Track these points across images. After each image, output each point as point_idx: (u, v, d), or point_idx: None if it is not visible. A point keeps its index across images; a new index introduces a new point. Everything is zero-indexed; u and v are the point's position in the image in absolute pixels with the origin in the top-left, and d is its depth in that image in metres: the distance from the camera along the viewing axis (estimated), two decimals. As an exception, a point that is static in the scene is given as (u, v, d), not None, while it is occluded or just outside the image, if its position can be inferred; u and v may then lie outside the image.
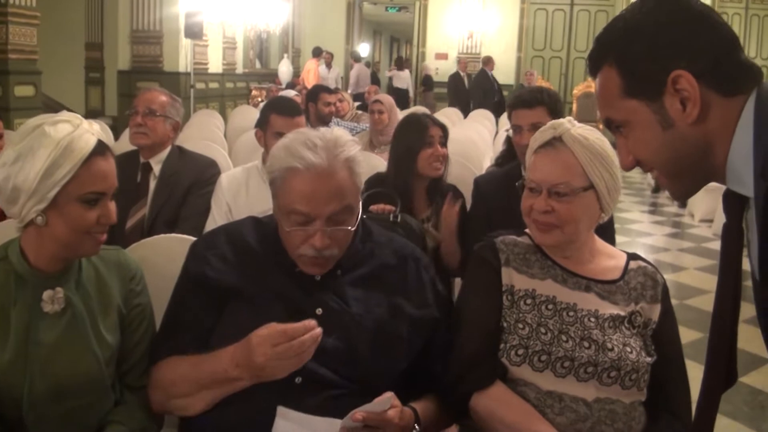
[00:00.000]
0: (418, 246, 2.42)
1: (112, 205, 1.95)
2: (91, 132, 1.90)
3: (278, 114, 3.80)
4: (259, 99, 15.32)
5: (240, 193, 3.71)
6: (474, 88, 15.52)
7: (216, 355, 1.94)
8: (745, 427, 4.19)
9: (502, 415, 2.02)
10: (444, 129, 3.81)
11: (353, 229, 2.04)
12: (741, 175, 1.38)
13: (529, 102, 3.55)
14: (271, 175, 2.06)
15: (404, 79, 18.04)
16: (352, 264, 2.13)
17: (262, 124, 3.87)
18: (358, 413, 1.78)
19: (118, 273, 2.11)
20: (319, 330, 1.82)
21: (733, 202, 1.46)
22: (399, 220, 3.07)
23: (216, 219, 3.61)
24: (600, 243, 2.28)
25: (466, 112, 11.63)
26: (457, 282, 3.63)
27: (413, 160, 3.67)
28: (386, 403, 1.83)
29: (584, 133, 2.14)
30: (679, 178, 1.51)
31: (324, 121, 6.48)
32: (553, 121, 2.23)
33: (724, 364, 1.56)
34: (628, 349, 2.05)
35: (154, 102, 3.91)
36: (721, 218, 4.78)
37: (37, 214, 1.86)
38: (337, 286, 2.08)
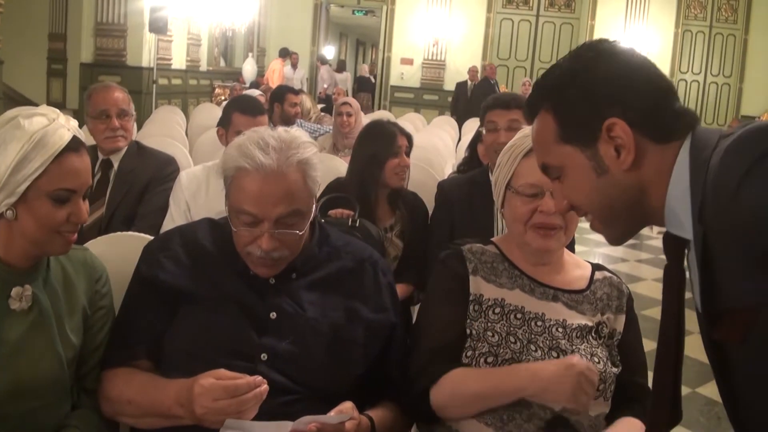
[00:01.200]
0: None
1: (84, 204, 1.89)
2: (67, 127, 1.84)
3: (241, 113, 3.75)
4: (222, 97, 15.19)
5: (200, 192, 3.63)
6: (479, 97, 15.57)
7: (162, 387, 1.89)
8: None
9: (464, 392, 1.99)
10: (410, 139, 3.80)
11: (302, 233, 1.99)
12: (680, 218, 1.38)
13: (507, 103, 3.59)
14: (224, 174, 2.02)
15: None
16: (309, 268, 2.09)
17: (224, 123, 3.82)
18: (313, 425, 1.75)
19: (85, 273, 2.06)
20: (264, 388, 1.76)
21: (673, 245, 1.46)
22: (357, 224, 3.05)
23: (174, 217, 3.54)
24: (567, 253, 2.28)
25: (461, 123, 11.56)
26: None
27: (379, 169, 3.64)
28: (345, 416, 1.80)
29: None
30: (613, 223, 1.52)
31: (288, 121, 6.45)
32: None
33: (668, 403, 1.55)
34: (596, 359, 2.05)
35: (123, 101, 3.85)
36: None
37: (7, 208, 1.80)
38: (292, 290, 2.04)
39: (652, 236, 9.57)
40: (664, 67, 16.78)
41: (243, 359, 1.89)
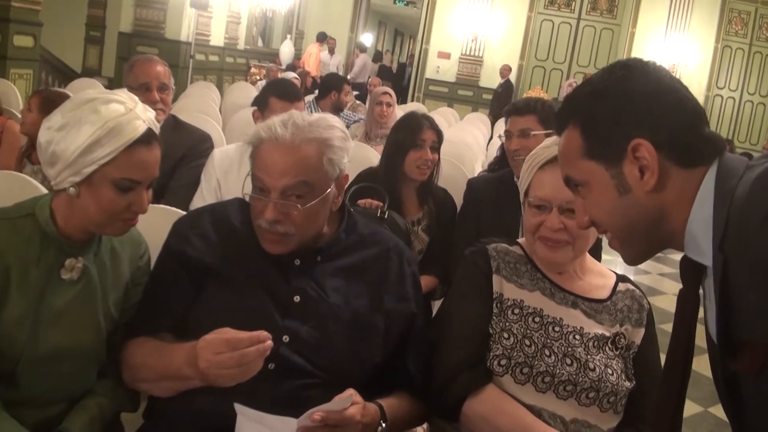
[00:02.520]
0: None
1: (148, 194, 1.94)
2: (143, 119, 1.88)
3: (278, 98, 3.79)
4: (258, 77, 15.26)
5: (231, 171, 3.66)
6: (501, 96, 15.64)
7: (175, 349, 1.92)
8: None
9: (496, 421, 2.01)
10: (439, 134, 3.81)
11: (304, 208, 1.99)
12: (700, 244, 1.40)
13: (520, 109, 3.65)
14: (250, 145, 2.06)
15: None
16: (334, 253, 2.11)
17: (260, 105, 3.85)
18: (317, 414, 1.77)
19: (131, 249, 2.12)
20: (268, 344, 1.76)
21: (690, 270, 1.48)
22: (386, 216, 3.07)
23: (204, 194, 3.58)
24: (591, 261, 2.29)
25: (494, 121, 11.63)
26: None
27: (401, 160, 3.68)
28: (346, 401, 1.81)
29: None
30: (631, 244, 1.53)
31: (339, 110, 6.50)
32: (557, 137, 2.22)
33: (669, 423, 1.57)
34: (609, 371, 2.06)
35: (164, 75, 3.86)
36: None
37: (71, 185, 1.85)
38: (316, 274, 2.06)
39: (677, 252, 9.55)
40: (702, 81, 16.70)
41: None
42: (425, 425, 2.38)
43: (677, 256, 1.52)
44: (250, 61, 16.36)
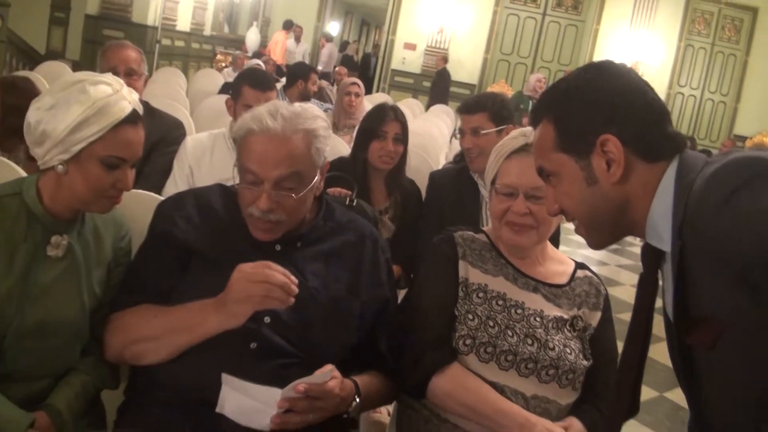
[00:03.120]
0: None
1: (132, 173, 2.03)
2: (128, 100, 1.97)
3: (251, 86, 3.85)
4: (223, 64, 15.20)
5: (204, 158, 3.74)
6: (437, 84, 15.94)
7: (190, 304, 2.03)
8: None
9: (459, 394, 2.13)
10: (403, 125, 3.89)
11: (298, 197, 2.09)
12: (660, 232, 1.54)
13: (471, 108, 3.76)
14: (236, 136, 2.15)
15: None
16: (313, 239, 2.21)
17: (234, 95, 3.93)
18: (300, 385, 1.87)
19: (114, 230, 2.20)
20: (293, 288, 1.90)
21: (650, 255, 1.61)
22: (354, 204, 3.15)
23: (176, 180, 3.65)
24: (551, 249, 2.43)
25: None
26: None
27: (364, 149, 3.78)
28: (326, 375, 1.92)
29: None
30: (596, 230, 1.66)
31: (306, 99, 6.57)
32: (523, 129, 2.36)
33: (629, 397, 1.71)
34: (568, 351, 2.19)
35: (131, 60, 3.90)
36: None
37: (59, 163, 1.93)
38: (296, 259, 2.15)
39: (634, 243, 9.74)
40: (664, 78, 16.94)
41: (249, 320, 1.99)
42: (392, 405, 2.48)
43: (635, 249, 1.64)
44: (216, 47, 16.29)
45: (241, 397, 1.90)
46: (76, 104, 1.90)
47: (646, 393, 4.98)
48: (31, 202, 1.98)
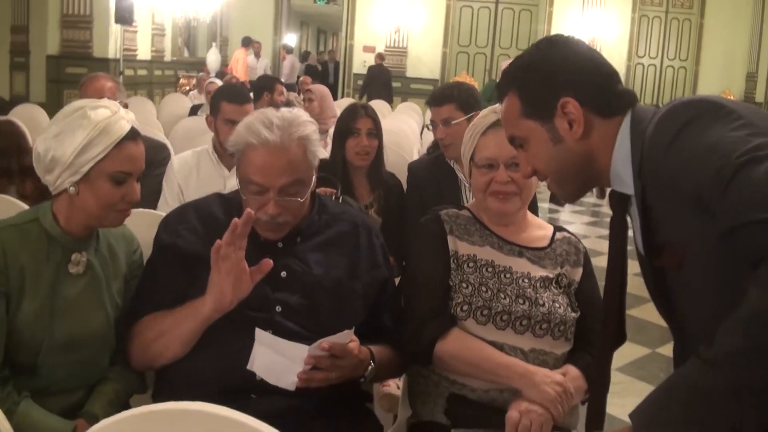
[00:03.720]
0: None
1: (138, 186, 2.17)
2: (126, 119, 2.12)
3: (228, 101, 3.98)
4: (187, 87, 15.29)
5: (191, 175, 3.90)
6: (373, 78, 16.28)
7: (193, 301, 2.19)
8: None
9: (462, 355, 2.30)
10: (375, 120, 4.04)
11: (303, 200, 2.26)
12: (622, 178, 1.73)
13: (438, 99, 3.93)
14: (234, 149, 2.29)
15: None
16: (311, 232, 2.36)
17: (213, 111, 4.06)
18: (325, 343, 2.05)
19: (125, 245, 2.35)
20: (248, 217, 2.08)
21: (618, 200, 1.81)
22: (340, 201, 3.30)
23: (167, 200, 3.78)
24: (531, 216, 2.61)
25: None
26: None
27: (341, 147, 3.93)
28: (347, 336, 2.10)
29: None
30: (567, 184, 1.86)
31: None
32: (493, 106, 2.52)
33: (614, 326, 1.93)
34: (557, 305, 2.37)
35: (105, 90, 4.01)
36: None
37: (71, 185, 2.08)
38: (298, 252, 2.31)
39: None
40: (622, 51, 17.18)
41: (261, 311, 2.16)
42: (402, 380, 2.65)
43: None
44: (178, 71, 16.37)
45: (272, 354, 2.07)
46: (79, 129, 2.05)
47: (640, 351, 5.21)
48: (49, 225, 2.13)
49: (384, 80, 16.54)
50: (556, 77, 1.77)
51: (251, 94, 7.64)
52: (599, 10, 17.12)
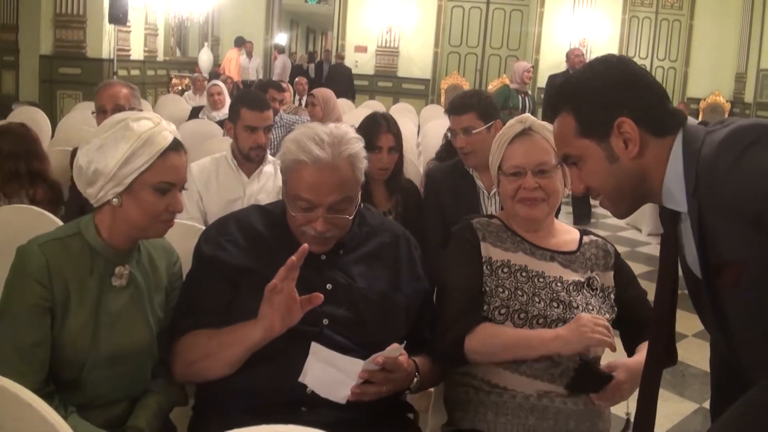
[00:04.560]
0: None
1: (181, 196, 2.18)
2: (169, 130, 2.13)
3: (249, 108, 3.99)
4: (180, 87, 15.26)
5: (210, 182, 3.92)
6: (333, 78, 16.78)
7: (238, 324, 2.19)
8: (668, 392, 4.81)
9: (492, 341, 2.34)
10: (397, 137, 4.02)
11: (351, 217, 2.29)
12: (674, 196, 1.78)
13: (458, 109, 3.93)
14: (283, 165, 2.30)
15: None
16: (353, 245, 2.38)
17: (232, 118, 4.06)
18: (379, 357, 2.07)
19: (165, 257, 2.35)
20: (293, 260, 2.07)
21: (668, 217, 1.86)
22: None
23: (187, 207, 3.70)
24: (558, 222, 2.68)
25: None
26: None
27: None
28: (398, 350, 2.12)
29: (543, 123, 2.55)
30: (621, 201, 1.90)
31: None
32: (519, 116, 2.63)
33: (665, 344, 1.98)
34: (590, 308, 2.42)
35: (119, 97, 4.03)
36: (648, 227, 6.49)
37: (114, 196, 2.08)
38: (341, 265, 2.33)
39: (607, 215, 10.00)
40: (612, 52, 17.10)
41: (309, 324, 2.17)
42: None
43: (610, 220, 1.83)
44: (170, 71, 16.31)
45: (325, 368, 2.09)
46: (122, 141, 2.06)
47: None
48: (91, 238, 2.13)
49: (346, 79, 16.77)
50: (611, 97, 1.80)
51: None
52: (590, 11, 17.17)
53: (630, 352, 2.53)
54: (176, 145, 2.14)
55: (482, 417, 2.38)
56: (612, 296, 2.52)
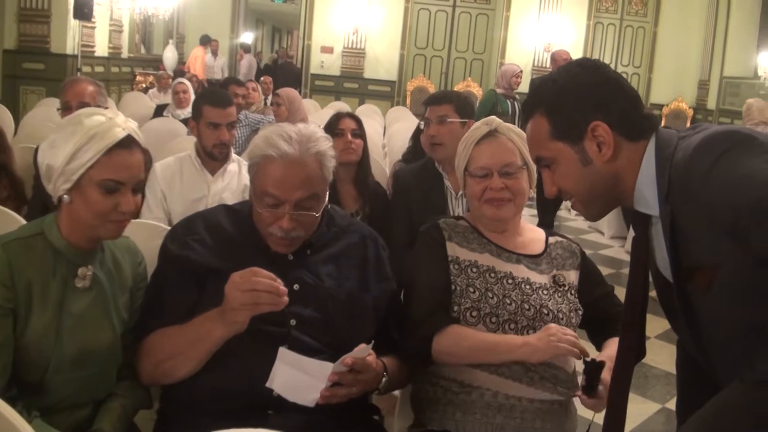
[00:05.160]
0: None
1: (136, 198, 2.13)
2: (122, 127, 2.07)
3: (211, 105, 3.97)
4: (144, 85, 15.13)
5: (174, 181, 3.89)
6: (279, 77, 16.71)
7: (198, 317, 2.16)
8: (631, 393, 4.72)
9: (461, 343, 2.36)
10: (357, 121, 4.15)
11: (318, 215, 2.28)
12: (647, 199, 1.80)
13: (438, 99, 4.02)
14: (251, 162, 2.29)
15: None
16: (321, 245, 2.38)
17: (195, 116, 4.04)
18: (348, 359, 2.06)
19: (130, 258, 2.31)
20: (281, 288, 2.04)
21: (640, 220, 1.89)
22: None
23: (150, 206, 3.77)
24: (524, 222, 2.70)
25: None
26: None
27: None
28: (366, 350, 2.12)
29: (509, 125, 2.61)
30: (594, 204, 1.92)
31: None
32: (485, 119, 2.68)
33: (636, 343, 2.01)
34: (561, 315, 2.44)
35: (85, 94, 4.01)
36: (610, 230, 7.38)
37: (64, 192, 2.05)
38: (309, 265, 2.32)
39: (569, 218, 10.08)
40: (577, 57, 17.27)
41: (276, 325, 2.16)
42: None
43: (572, 223, 1.85)
44: (135, 68, 16.16)
45: (293, 372, 2.07)
46: (72, 135, 2.03)
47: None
48: (54, 238, 2.09)
49: (293, 77, 17.13)
50: (586, 100, 1.82)
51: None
52: (555, 16, 17.26)
53: (598, 347, 2.58)
54: (128, 143, 2.08)
55: (450, 416, 2.40)
56: (576, 296, 2.54)
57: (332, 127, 4.03)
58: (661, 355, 5.30)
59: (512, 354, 2.32)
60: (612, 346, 2.40)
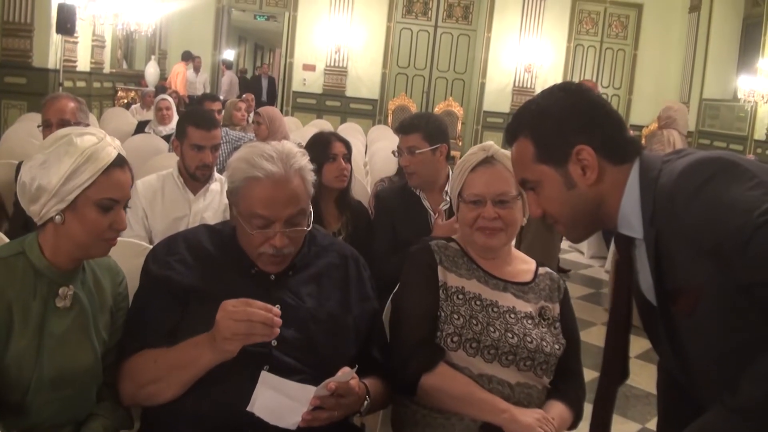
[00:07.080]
0: None
1: (124, 214, 2.15)
2: (113, 146, 2.10)
3: (195, 127, 3.97)
4: (125, 100, 15.10)
5: (156, 200, 3.88)
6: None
7: (187, 342, 2.15)
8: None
9: (448, 389, 2.35)
10: (347, 145, 4.13)
11: (308, 229, 2.30)
12: (631, 222, 1.82)
13: (406, 128, 4.01)
14: (232, 185, 2.29)
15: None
16: (302, 265, 2.38)
17: (179, 135, 4.02)
18: (331, 383, 2.05)
19: (110, 277, 2.31)
20: (277, 320, 2.04)
21: (623, 242, 1.90)
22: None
23: (131, 224, 3.74)
24: (515, 250, 2.70)
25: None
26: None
27: (318, 176, 3.94)
28: (350, 374, 2.11)
29: (506, 152, 2.54)
30: (577, 226, 1.94)
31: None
32: (482, 144, 2.65)
33: (620, 364, 2.01)
34: (544, 344, 2.45)
35: (65, 111, 4.01)
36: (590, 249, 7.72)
37: (56, 213, 2.05)
38: (291, 285, 2.33)
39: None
40: (557, 78, 17.37)
41: (257, 345, 2.14)
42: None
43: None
44: (117, 84, 16.12)
45: (275, 396, 2.06)
46: (65, 156, 2.03)
47: (588, 374, 5.17)
48: (35, 258, 2.09)
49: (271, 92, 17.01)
50: (570, 124, 1.84)
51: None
52: (536, 38, 17.36)
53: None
54: (120, 162, 2.12)
55: None
56: (560, 329, 2.56)
57: (324, 150, 4.00)
58: (641, 375, 5.33)
59: (493, 416, 2.32)
60: (554, 407, 2.44)
